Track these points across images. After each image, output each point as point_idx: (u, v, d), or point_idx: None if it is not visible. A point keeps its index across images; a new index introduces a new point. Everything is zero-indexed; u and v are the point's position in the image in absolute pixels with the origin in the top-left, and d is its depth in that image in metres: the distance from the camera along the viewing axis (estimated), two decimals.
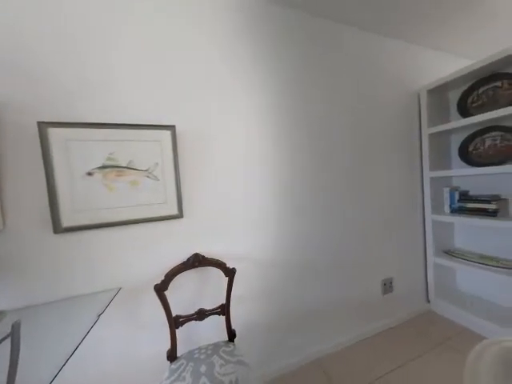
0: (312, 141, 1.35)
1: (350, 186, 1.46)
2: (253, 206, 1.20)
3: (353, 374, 1.23)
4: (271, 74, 1.24)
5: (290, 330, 1.30)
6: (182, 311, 0.98)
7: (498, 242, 1.55)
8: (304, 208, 1.33)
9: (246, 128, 1.19)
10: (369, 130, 1.53)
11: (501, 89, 1.40)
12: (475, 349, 0.36)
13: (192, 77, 1.07)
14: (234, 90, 1.16)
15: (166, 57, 1.02)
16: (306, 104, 1.33)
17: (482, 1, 1.32)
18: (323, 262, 1.39)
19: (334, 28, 1.41)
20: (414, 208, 1.73)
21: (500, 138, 1.45)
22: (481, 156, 1.55)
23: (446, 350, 1.35)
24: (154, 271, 1.00)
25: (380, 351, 1.38)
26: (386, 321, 1.60)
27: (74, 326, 0.68)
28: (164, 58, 1.02)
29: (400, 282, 1.66)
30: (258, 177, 1.21)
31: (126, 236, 0.96)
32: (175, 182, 1.02)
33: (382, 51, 1.58)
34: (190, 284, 1.08)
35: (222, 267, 1.01)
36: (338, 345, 1.42)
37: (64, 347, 0.57)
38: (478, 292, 1.70)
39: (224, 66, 1.14)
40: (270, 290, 1.25)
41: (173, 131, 1.01)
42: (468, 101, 1.57)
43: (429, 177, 1.69)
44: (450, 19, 1.46)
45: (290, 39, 1.28)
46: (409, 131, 1.70)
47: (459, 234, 1.81)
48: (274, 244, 1.25)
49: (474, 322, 1.49)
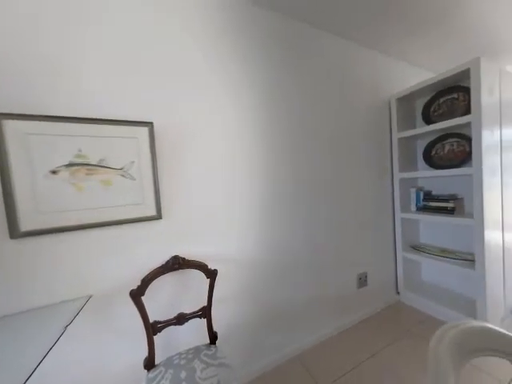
0: (293, 143, 1.38)
1: (327, 187, 1.53)
2: (234, 206, 1.19)
3: (331, 367, 1.28)
4: (253, 75, 1.24)
5: (272, 328, 1.32)
6: (160, 316, 0.94)
7: (456, 236, 1.73)
8: (285, 209, 1.35)
9: (226, 128, 1.18)
10: (345, 133, 1.61)
11: (457, 100, 1.58)
12: (436, 333, 0.40)
13: (172, 73, 1.03)
14: (215, 90, 1.14)
15: (144, 51, 0.97)
16: (286, 105, 1.35)
17: (440, 20, 1.47)
18: (303, 261, 1.43)
19: (315, 34, 1.46)
20: (386, 207, 1.87)
21: (456, 143, 1.63)
22: (441, 159, 1.72)
23: (413, 337, 1.48)
24: (130, 276, 0.94)
25: (355, 342, 1.46)
26: (361, 313, 1.70)
27: (37, 340, 0.61)
28: (142, 53, 0.97)
29: (373, 276, 1.77)
30: (240, 177, 1.21)
31: (98, 239, 0.89)
32: (153, 182, 0.98)
33: (358, 59, 1.68)
34: (169, 288, 1.03)
35: (203, 269, 0.99)
36: (317, 339, 1.47)
37: (24, 365, 0.51)
38: (440, 282, 1.89)
39: (206, 65, 1.11)
40: (252, 290, 1.25)
41: (150, 128, 0.96)
42: (431, 109, 1.74)
43: (398, 178, 1.83)
44: (415, 34, 1.60)
45: (271, 41, 1.30)
46: (381, 135, 1.83)
47: (424, 230, 1.99)
48: (255, 244, 1.26)
49: (437, 310, 1.65)
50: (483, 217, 1.35)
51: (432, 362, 0.37)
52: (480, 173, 1.35)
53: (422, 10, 1.38)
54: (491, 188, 1.39)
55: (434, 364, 0.37)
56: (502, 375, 1.14)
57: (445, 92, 1.64)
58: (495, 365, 1.18)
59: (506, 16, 1.47)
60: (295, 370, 1.28)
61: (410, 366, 1.25)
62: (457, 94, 1.57)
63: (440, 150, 1.73)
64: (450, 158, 1.67)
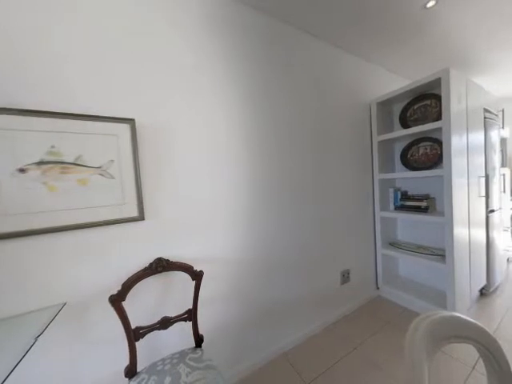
0: (278, 142, 1.39)
1: (312, 187, 1.57)
2: (221, 205, 1.18)
3: (315, 362, 1.32)
4: (240, 75, 1.24)
5: (259, 327, 1.33)
6: (143, 321, 0.90)
7: (429, 233, 1.87)
8: (271, 207, 1.36)
9: (213, 126, 1.16)
10: (329, 134, 1.66)
11: (430, 106, 1.70)
12: (411, 324, 0.42)
13: (156, 69, 1.00)
14: (202, 89, 1.12)
15: (126, 44, 0.93)
16: (272, 106, 1.37)
17: (414, 33, 1.57)
18: (289, 259, 1.45)
19: (301, 37, 1.50)
20: (367, 206, 1.95)
21: (430, 147, 1.75)
22: (416, 162, 1.84)
23: (392, 329, 1.56)
24: (110, 281, 0.89)
25: (339, 337, 1.52)
26: (344, 308, 1.76)
27: (4, 352, 0.56)
28: (124, 46, 0.92)
29: (355, 273, 1.85)
30: (226, 176, 1.20)
31: (74, 243, 0.84)
32: (135, 181, 0.94)
33: (342, 64, 1.74)
34: (152, 291, 1.00)
35: (188, 271, 0.96)
36: (302, 336, 1.50)
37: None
38: (415, 276, 2.02)
39: (193, 63, 1.09)
40: (239, 290, 1.25)
41: (132, 125, 0.92)
42: (407, 114, 1.85)
43: (378, 178, 1.93)
44: (393, 44, 1.70)
45: (258, 42, 1.31)
46: (363, 138, 1.91)
47: (401, 228, 2.11)
48: (242, 244, 1.26)
49: (412, 302, 1.76)
50: (452, 215, 1.46)
51: (408, 351, 0.40)
52: (450, 174, 1.46)
53: (398, 24, 1.47)
54: (459, 188, 1.52)
55: (410, 353, 0.39)
56: (468, 359, 1.25)
57: (419, 98, 1.76)
58: (462, 350, 1.29)
59: (471, 33, 1.62)
60: (282, 367, 1.30)
61: (389, 356, 1.33)
62: (430, 100, 1.69)
63: (415, 152, 1.86)
64: (424, 161, 1.79)
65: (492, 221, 1.88)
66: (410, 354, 0.39)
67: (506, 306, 1.73)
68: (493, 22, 1.51)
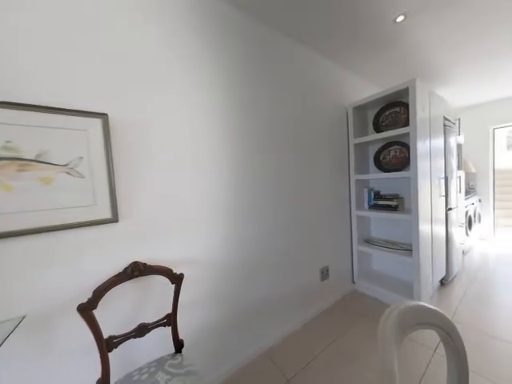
0: (260, 143, 1.40)
1: (292, 187, 1.60)
2: (202, 206, 1.16)
3: (296, 358, 1.35)
4: (223, 75, 1.22)
5: (241, 328, 1.32)
6: (117, 329, 0.84)
7: (398, 229, 2.02)
8: (252, 208, 1.37)
9: (194, 125, 1.13)
10: (309, 135, 1.72)
11: (399, 113, 1.84)
12: (383, 316, 0.45)
13: (132, 62, 0.94)
14: (184, 87, 1.08)
15: (97, 32, 0.86)
16: (254, 107, 1.37)
17: (385, 45, 1.69)
18: (270, 259, 1.47)
19: (284, 40, 1.53)
20: (344, 205, 2.06)
21: (399, 150, 1.90)
22: (387, 164, 1.99)
23: (367, 321, 1.67)
24: (79, 288, 0.82)
25: (318, 331, 1.58)
26: (323, 304, 1.83)
27: None
28: (95, 33, 0.86)
29: (334, 269, 1.94)
30: (208, 176, 1.18)
31: (35, 248, 0.76)
32: (108, 181, 0.87)
33: (321, 68, 1.81)
34: (128, 297, 0.94)
35: (167, 274, 0.93)
36: (283, 333, 1.53)
37: None
38: (387, 270, 2.17)
39: (176, 61, 1.05)
40: (221, 292, 1.23)
41: (104, 120, 0.86)
42: (379, 120, 1.99)
43: (354, 179, 2.04)
44: (367, 53, 1.81)
45: (240, 41, 1.30)
46: (340, 140, 2.01)
47: (374, 225, 2.26)
48: (223, 245, 1.24)
49: (384, 295, 1.89)
50: (418, 212, 1.61)
51: (380, 340, 0.43)
52: (416, 176, 1.60)
53: (372, 35, 1.58)
54: (423, 188, 1.67)
55: (382, 342, 0.42)
56: (430, 343, 1.38)
57: (390, 105, 1.90)
58: (426, 336, 1.42)
59: (435, 48, 1.79)
60: (264, 366, 1.31)
61: (364, 346, 1.41)
62: (399, 107, 1.84)
63: (387, 155, 2.00)
64: (394, 163, 1.94)
65: (450, 218, 2.10)
66: (382, 343, 0.42)
67: (461, 294, 1.95)
68: (454, 39, 1.69)
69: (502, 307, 1.73)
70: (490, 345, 1.36)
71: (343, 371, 1.24)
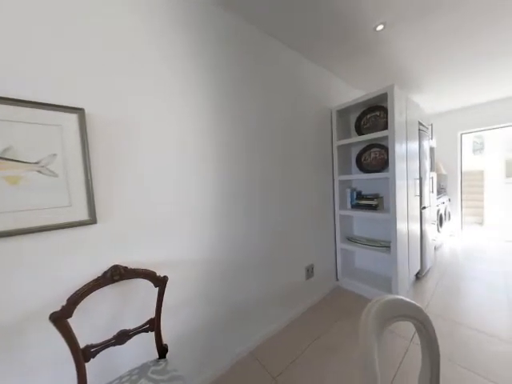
0: (247, 143, 1.40)
1: (278, 187, 1.62)
2: (187, 205, 1.13)
3: (282, 355, 1.37)
4: (208, 73, 1.21)
5: (227, 329, 1.31)
6: (96, 337, 0.80)
7: (378, 228, 2.13)
8: (239, 207, 1.36)
9: (180, 124, 1.10)
10: (295, 137, 1.75)
11: (379, 117, 1.94)
12: (364, 310, 0.47)
13: (113, 56, 0.89)
14: (166, 84, 1.05)
15: (76, 20, 0.80)
16: (241, 107, 1.37)
17: (366, 52, 1.77)
18: (256, 258, 1.47)
19: (272, 43, 1.54)
20: (328, 205, 2.12)
21: (379, 152, 2.00)
22: (368, 165, 2.08)
23: (350, 316, 1.73)
24: (53, 295, 0.77)
25: (304, 329, 1.61)
26: (308, 301, 1.87)
27: None
28: (72, 22, 0.80)
29: (318, 267, 1.99)
30: (193, 175, 1.15)
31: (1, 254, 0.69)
32: (85, 180, 0.82)
33: (307, 71, 1.85)
34: (108, 303, 0.89)
35: (150, 277, 0.89)
36: (270, 332, 1.54)
37: None
38: (368, 267, 2.28)
39: (162, 60, 1.01)
40: (206, 293, 1.21)
41: (81, 115, 0.81)
42: (361, 123, 2.08)
43: (338, 180, 2.11)
44: (350, 59, 1.89)
45: (227, 43, 1.29)
46: (325, 142, 2.07)
47: (356, 224, 2.36)
48: (210, 245, 1.22)
49: (366, 290, 1.98)
50: (396, 211, 1.70)
51: (361, 334, 0.45)
52: (394, 176, 1.70)
53: (354, 42, 1.64)
54: (400, 189, 1.77)
55: (363, 335, 0.44)
56: (407, 334, 1.47)
57: (371, 109, 1.99)
58: (403, 327, 1.51)
59: (411, 57, 1.90)
60: (250, 366, 1.31)
61: (347, 340, 1.47)
62: (379, 112, 1.94)
63: (368, 157, 2.09)
64: (374, 164, 2.03)
65: (424, 216, 2.25)
66: (363, 336, 0.44)
67: (433, 287, 2.09)
68: (427, 50, 1.81)
69: (469, 298, 1.89)
70: (458, 332, 1.48)
71: (327, 366, 1.28)
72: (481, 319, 1.60)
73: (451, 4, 1.33)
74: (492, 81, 2.54)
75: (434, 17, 1.43)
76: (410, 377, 1.18)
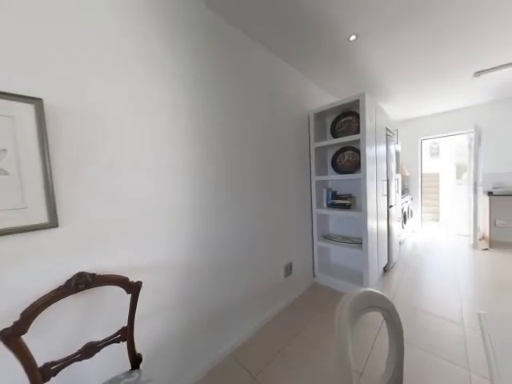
0: (226, 143, 1.39)
1: (259, 187, 1.64)
2: (164, 205, 1.08)
3: (262, 354, 1.38)
4: (186, 69, 1.17)
5: (207, 332, 1.28)
6: (59, 353, 0.72)
7: (352, 225, 2.27)
8: (218, 207, 1.34)
9: (155, 120, 1.05)
10: (274, 138, 1.78)
11: (352, 122, 2.06)
12: (339, 303, 0.50)
13: (79, 42, 0.81)
14: (140, 76, 0.99)
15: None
16: (221, 107, 1.35)
17: (339, 59, 1.88)
18: (236, 259, 1.47)
19: (252, 44, 1.55)
20: (306, 204, 2.20)
21: (352, 154, 2.13)
22: (343, 166, 2.21)
23: (326, 310, 1.82)
24: (3, 310, 0.67)
25: (283, 326, 1.65)
26: (287, 299, 1.92)
27: None
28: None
29: (297, 265, 2.05)
30: (169, 174, 1.10)
31: None
32: (43, 178, 0.74)
33: (286, 75, 1.90)
34: (72, 314, 0.81)
35: (122, 283, 0.83)
36: (250, 332, 1.55)
37: None
38: (342, 263, 2.41)
39: (129, 45, 0.95)
40: (184, 296, 1.17)
41: (38, 106, 0.72)
42: (336, 126, 2.19)
43: (315, 180, 2.20)
44: (324, 65, 1.98)
45: (206, 41, 1.26)
46: (303, 143, 2.14)
47: (332, 222, 2.48)
48: (188, 246, 1.18)
49: (341, 285, 2.10)
50: (366, 210, 1.83)
51: (336, 326, 0.47)
52: (365, 178, 1.82)
53: (329, 49, 1.73)
54: (371, 189, 1.91)
55: (338, 327, 0.47)
56: (376, 323, 1.59)
57: (345, 114, 2.11)
58: (372, 317, 1.63)
59: (381, 66, 2.06)
60: (231, 367, 1.30)
61: (324, 334, 1.53)
62: (352, 117, 2.06)
63: (342, 159, 2.22)
64: (348, 166, 2.16)
65: (391, 214, 2.46)
66: (338, 328, 0.46)
67: (399, 279, 2.30)
68: (395, 61, 1.98)
69: (427, 287, 2.11)
70: (418, 318, 1.65)
71: (306, 359, 1.33)
72: (436, 305, 1.80)
73: (413, 21, 1.47)
74: (444, 94, 2.89)
75: (399, 32, 1.57)
76: (379, 362, 1.28)
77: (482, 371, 1.17)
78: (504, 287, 1.99)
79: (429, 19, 1.44)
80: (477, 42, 1.73)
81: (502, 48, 1.82)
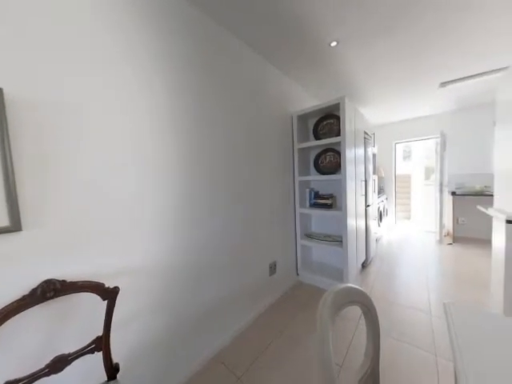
0: (211, 143, 1.37)
1: (242, 187, 1.63)
2: (144, 206, 1.03)
3: (247, 355, 1.38)
4: (169, 68, 1.13)
5: (190, 335, 1.25)
6: (23, 370, 0.65)
7: (333, 224, 2.36)
8: (201, 208, 1.32)
9: (135, 117, 1.00)
10: (258, 139, 1.79)
11: (333, 124, 2.15)
12: (321, 300, 0.52)
13: (55, 31, 0.75)
14: (122, 74, 0.93)
15: None
16: (205, 107, 1.32)
17: (321, 64, 1.95)
18: (220, 260, 1.45)
19: (234, 41, 1.53)
20: (289, 204, 2.24)
21: (333, 156, 2.22)
22: (325, 167, 2.29)
23: (309, 308, 1.86)
24: None
25: (267, 325, 1.66)
26: (271, 298, 1.94)
27: None
28: None
29: (281, 263, 2.08)
30: (152, 174, 1.06)
31: None
32: (3, 177, 0.66)
33: (270, 76, 1.91)
34: (39, 325, 0.74)
35: (97, 290, 0.78)
36: (234, 333, 1.54)
37: None
38: (324, 260, 2.50)
39: (108, 37, 0.89)
40: (166, 301, 1.13)
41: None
42: (318, 128, 2.26)
43: (298, 180, 2.25)
44: (307, 68, 2.03)
45: (189, 36, 1.23)
46: (287, 144, 2.17)
47: (314, 221, 2.56)
48: (170, 248, 1.14)
49: (323, 282, 2.17)
50: (346, 209, 1.91)
51: (318, 323, 0.49)
52: (345, 178, 1.91)
53: (312, 54, 1.78)
54: (350, 189, 2.00)
55: (319, 325, 0.48)
56: (355, 317, 1.67)
57: (327, 117, 2.19)
58: (352, 311, 1.71)
59: (360, 72, 2.17)
60: (215, 370, 1.28)
61: (307, 330, 1.57)
62: (333, 119, 2.14)
63: (324, 160, 2.30)
64: (329, 167, 2.24)
65: (368, 212, 2.60)
66: (319, 324, 0.48)
67: (375, 274, 2.44)
68: (374, 67, 2.09)
69: (401, 280, 2.27)
70: (392, 310, 1.76)
71: (290, 357, 1.35)
72: (408, 296, 1.94)
73: (389, 33, 1.57)
74: (414, 102, 3.13)
75: (376, 41, 1.66)
76: (358, 353, 1.34)
77: (447, 355, 1.29)
78: (465, 278, 2.20)
79: (403, 32, 1.55)
80: (443, 55, 1.89)
81: (464, 62, 2.01)
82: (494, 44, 1.74)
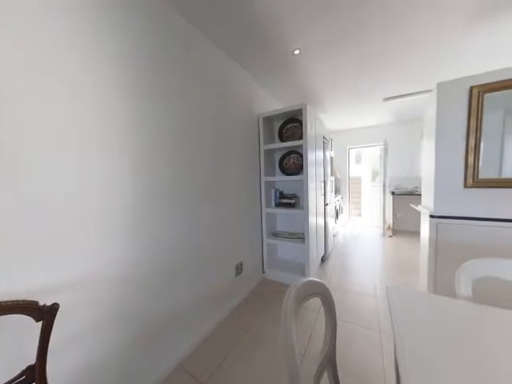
0: (173, 143, 1.29)
1: (208, 188, 1.59)
2: (93, 208, 0.90)
3: (212, 359, 1.35)
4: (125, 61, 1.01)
5: (150, 345, 1.15)
6: None
7: (296, 223, 2.49)
8: (164, 209, 1.23)
9: (79, 107, 0.86)
10: (225, 139, 1.77)
11: (296, 128, 2.27)
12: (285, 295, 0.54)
13: None
14: (73, 70, 0.79)
15: None
16: (167, 105, 1.24)
17: (283, 69, 2.04)
18: (184, 263, 1.38)
19: (200, 37, 1.47)
20: (256, 204, 2.28)
21: (296, 158, 2.35)
22: (288, 168, 2.40)
23: (274, 303, 1.93)
24: None
25: (233, 326, 1.65)
26: (237, 298, 1.94)
27: None
28: None
29: (247, 263, 2.10)
30: (105, 172, 0.94)
31: None
32: None
33: (238, 76, 1.91)
34: None
35: (28, 310, 0.64)
36: (199, 337, 1.48)
37: None
38: (288, 257, 2.62)
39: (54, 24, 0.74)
40: (120, 312, 1.02)
41: None
42: (283, 131, 2.36)
43: (264, 181, 2.31)
44: (271, 72, 2.10)
45: (152, 27, 1.13)
46: (253, 145, 2.20)
47: (279, 220, 2.66)
48: (125, 254, 1.03)
49: (288, 278, 2.27)
50: (308, 208, 2.05)
51: (283, 317, 0.51)
52: (306, 179, 2.04)
53: (276, 60, 1.85)
54: (311, 189, 2.15)
55: (284, 318, 0.51)
56: (316, 307, 1.80)
57: (290, 120, 2.30)
58: (313, 302, 1.84)
59: (320, 80, 2.34)
60: (179, 378, 1.21)
61: (273, 326, 1.62)
62: (296, 123, 2.27)
63: (287, 161, 2.41)
64: (292, 168, 2.36)
65: (327, 211, 2.84)
66: (284, 318, 0.50)
67: (333, 266, 2.68)
68: (332, 78, 2.28)
69: (353, 270, 2.55)
70: (346, 298, 1.97)
71: (256, 354, 1.37)
72: (359, 284, 2.19)
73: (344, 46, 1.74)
74: (364, 112, 3.56)
75: (333, 53, 1.82)
76: (318, 340, 1.45)
77: (390, 333, 1.50)
78: (404, 265, 2.61)
79: (355, 46, 1.72)
80: (386, 73, 2.20)
81: (401, 81, 2.38)
82: (424, 70, 2.11)
